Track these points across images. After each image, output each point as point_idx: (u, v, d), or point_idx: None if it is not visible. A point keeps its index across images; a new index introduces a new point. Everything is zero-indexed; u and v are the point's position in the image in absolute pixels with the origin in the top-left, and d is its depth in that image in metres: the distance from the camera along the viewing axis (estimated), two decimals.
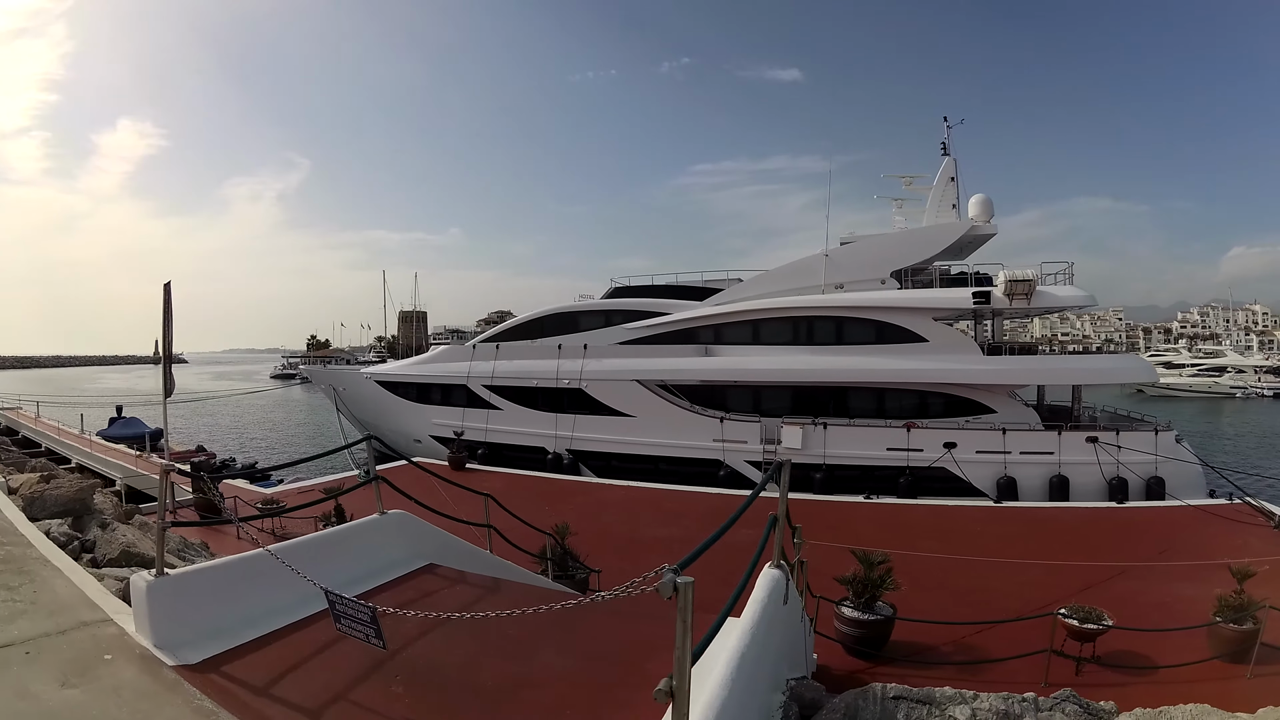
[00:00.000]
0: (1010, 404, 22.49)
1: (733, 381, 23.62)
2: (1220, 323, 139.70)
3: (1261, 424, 51.14)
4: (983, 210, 24.30)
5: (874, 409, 22.59)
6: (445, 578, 5.88)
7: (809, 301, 23.22)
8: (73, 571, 4.03)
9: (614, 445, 23.54)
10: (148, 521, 6.96)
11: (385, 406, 28.80)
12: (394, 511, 6.15)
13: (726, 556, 11.16)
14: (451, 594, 5.53)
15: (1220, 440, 39.77)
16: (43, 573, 3.93)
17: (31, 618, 3.52)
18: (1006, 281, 21.57)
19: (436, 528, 6.62)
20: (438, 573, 5.93)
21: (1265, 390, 70.18)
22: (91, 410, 35.68)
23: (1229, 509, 15.97)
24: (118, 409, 34.42)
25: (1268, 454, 35.38)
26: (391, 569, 5.66)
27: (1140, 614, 8.80)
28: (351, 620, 3.66)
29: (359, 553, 5.52)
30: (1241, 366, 76.12)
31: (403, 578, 5.60)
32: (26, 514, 5.63)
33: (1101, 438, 20.32)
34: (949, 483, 20.46)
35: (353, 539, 5.64)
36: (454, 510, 8.47)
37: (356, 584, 5.04)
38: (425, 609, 4.58)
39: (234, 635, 3.99)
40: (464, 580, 5.93)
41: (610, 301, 26.11)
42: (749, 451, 22.23)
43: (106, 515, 6.19)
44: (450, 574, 6.00)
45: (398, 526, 6.09)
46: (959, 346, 22.97)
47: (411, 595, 5.30)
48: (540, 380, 25.00)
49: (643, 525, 15.68)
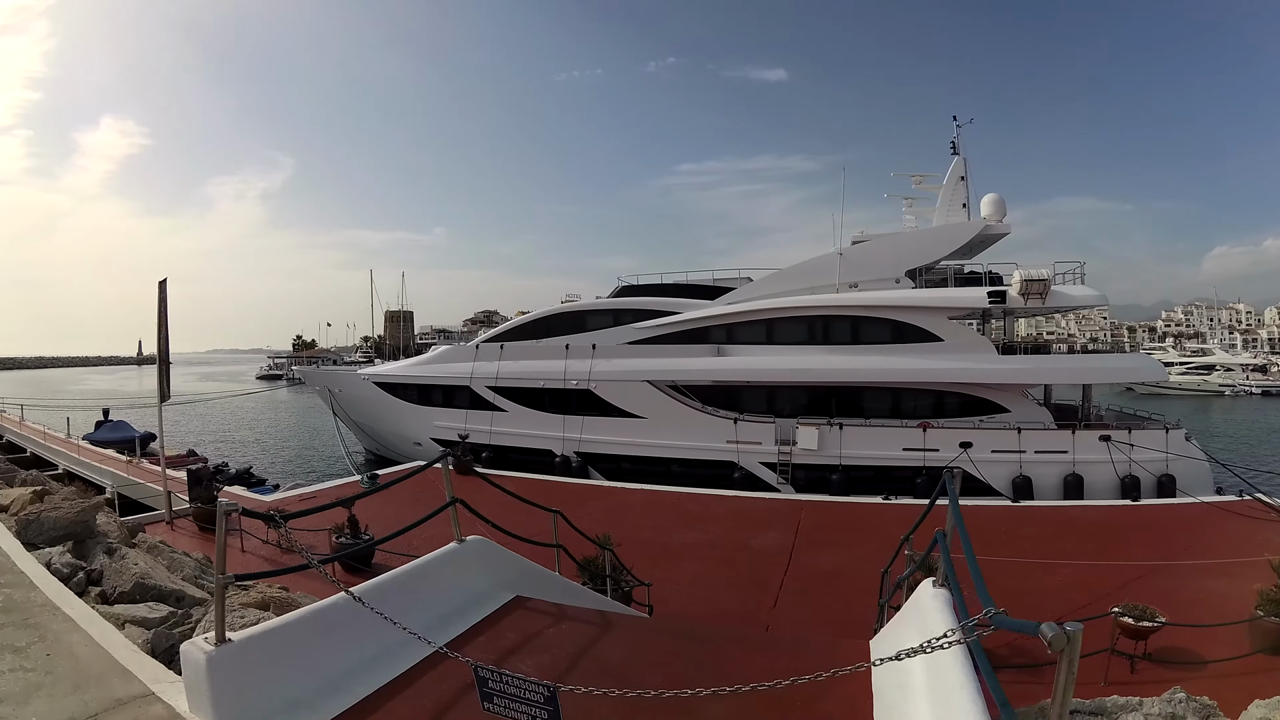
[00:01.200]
0: (1024, 403, 22.33)
1: (746, 382, 23.12)
2: (1204, 321, 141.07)
3: (1253, 421, 51.47)
4: (996, 209, 24.03)
5: (889, 409, 22.32)
6: (541, 612, 5.10)
7: (824, 300, 22.78)
8: (89, 621, 3.25)
9: (624, 447, 22.90)
10: (158, 544, 6.19)
11: (384, 409, 27.96)
12: (473, 537, 5.37)
13: (753, 561, 10.39)
14: (561, 635, 4.68)
15: (1216, 438, 39.68)
16: (54, 625, 3.13)
17: (50, 694, 2.75)
18: (1022, 281, 21.30)
19: (511, 551, 5.84)
20: (529, 606, 5.14)
21: (1254, 388, 70.78)
22: (77, 413, 34.53)
23: (1241, 505, 16.06)
24: (104, 412, 33.18)
25: (1266, 450, 35.42)
26: (477, 605, 4.87)
27: (1179, 611, 8.67)
28: (512, 700, 2.76)
29: (440, 588, 4.70)
30: (1229, 365, 76.77)
31: (494, 615, 4.80)
32: (21, 539, 4.90)
33: (1114, 436, 20.33)
34: (965, 483, 19.90)
35: (433, 572, 4.79)
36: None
37: (444, 626, 4.27)
38: (545, 655, 3.88)
39: (318, 708, 3.20)
40: (564, 616, 5.12)
41: (618, 300, 25.45)
42: (763, 453, 21.73)
43: (112, 539, 5.45)
44: (544, 607, 5.21)
45: (477, 554, 5.31)
46: (975, 346, 22.63)
47: (514, 639, 4.46)
48: (547, 381, 24.28)
49: (668, 530, 15.08)
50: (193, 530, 14.47)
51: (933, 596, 3.92)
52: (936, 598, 3.89)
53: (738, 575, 12.05)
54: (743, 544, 14.09)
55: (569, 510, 16.60)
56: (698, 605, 10.13)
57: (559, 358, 24.25)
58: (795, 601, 10.85)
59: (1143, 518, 16.01)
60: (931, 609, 3.77)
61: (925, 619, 3.73)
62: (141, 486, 18.30)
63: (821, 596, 11.12)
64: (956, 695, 2.71)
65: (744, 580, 11.81)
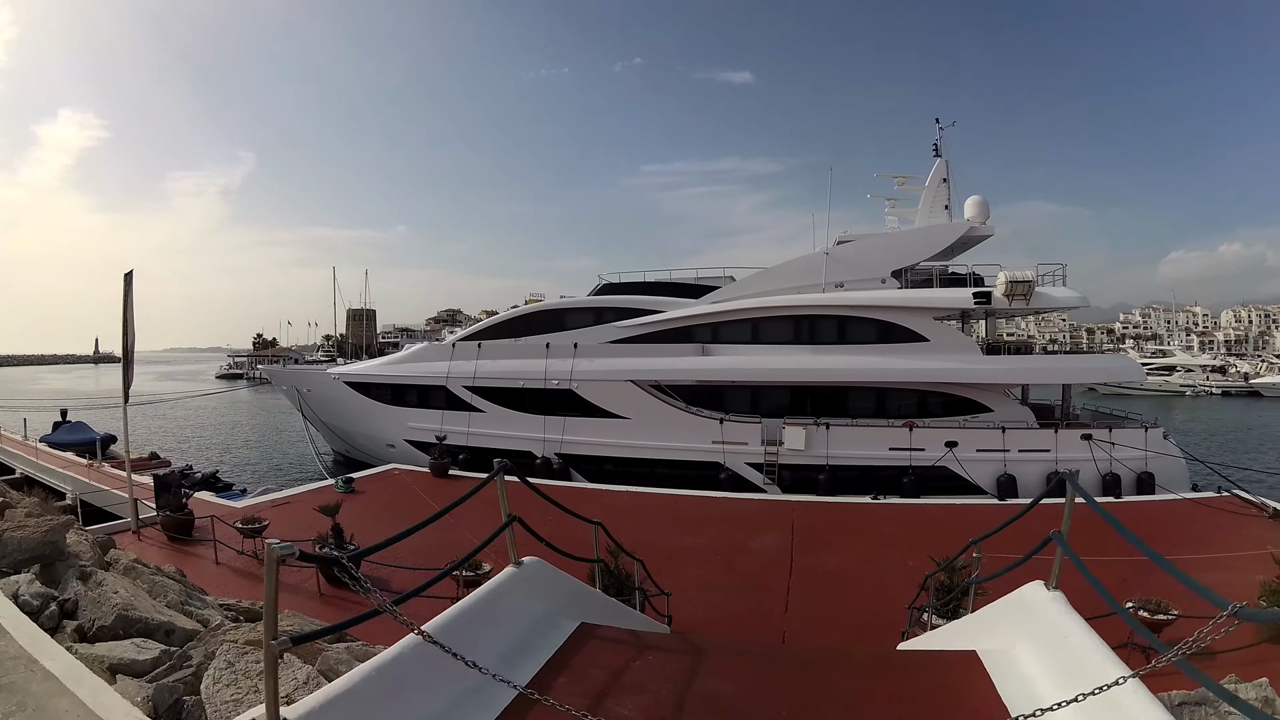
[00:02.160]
0: (1007, 403, 22.59)
1: (731, 382, 22.88)
2: (1162, 324, 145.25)
3: (1215, 419, 53.04)
4: (980, 211, 24.22)
5: (873, 409, 22.33)
6: (614, 641, 4.54)
7: (811, 300, 22.68)
8: (76, 678, 2.60)
9: (607, 449, 22.49)
10: (135, 565, 5.56)
11: (355, 409, 27.09)
12: (530, 559, 4.78)
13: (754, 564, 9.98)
14: (649, 668, 4.07)
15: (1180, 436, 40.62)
16: (34, 686, 2.48)
17: None
18: (1007, 282, 21.48)
19: (561, 571, 5.29)
20: (599, 635, 4.57)
21: (1214, 389, 72.99)
22: (34, 413, 32.94)
23: (1221, 501, 16.43)
24: (62, 412, 31.64)
25: (1233, 448, 36.41)
26: (545, 636, 4.28)
27: (1181, 605, 8.49)
28: None
29: (505, 619, 4.10)
30: (1190, 366, 79.09)
31: (566, 648, 4.19)
32: None
33: (1095, 435, 20.69)
34: (950, 481, 20.39)
35: (498, 601, 4.16)
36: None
37: (518, 664, 3.70)
38: (645, 694, 3.40)
39: None
40: (642, 644, 4.55)
41: (600, 299, 24.97)
42: (749, 453, 21.55)
43: (85, 561, 4.84)
44: (615, 635, 4.68)
45: (536, 578, 4.73)
46: (960, 346, 22.86)
47: (601, 676, 3.85)
48: (527, 381, 23.72)
49: (665, 534, 14.74)
50: (161, 540, 13.63)
51: (1051, 599, 3.82)
52: (1056, 600, 3.80)
53: (742, 579, 11.76)
54: (740, 547, 13.82)
55: (555, 512, 16.25)
56: (709, 612, 9.79)
57: (540, 357, 23.69)
58: (806, 605, 10.62)
59: (1129, 514, 16.22)
60: (1054, 612, 3.70)
61: (1048, 622, 3.65)
62: (104, 493, 17.29)
63: (831, 599, 10.94)
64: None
65: (749, 584, 11.51)
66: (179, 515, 13.84)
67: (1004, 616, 4.41)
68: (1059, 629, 3.62)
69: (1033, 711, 2.61)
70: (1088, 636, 3.43)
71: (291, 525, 14.04)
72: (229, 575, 11.67)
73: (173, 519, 13.77)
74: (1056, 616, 3.70)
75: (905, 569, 12.30)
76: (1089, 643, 3.34)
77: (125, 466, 15.34)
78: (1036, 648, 3.73)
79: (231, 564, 12.19)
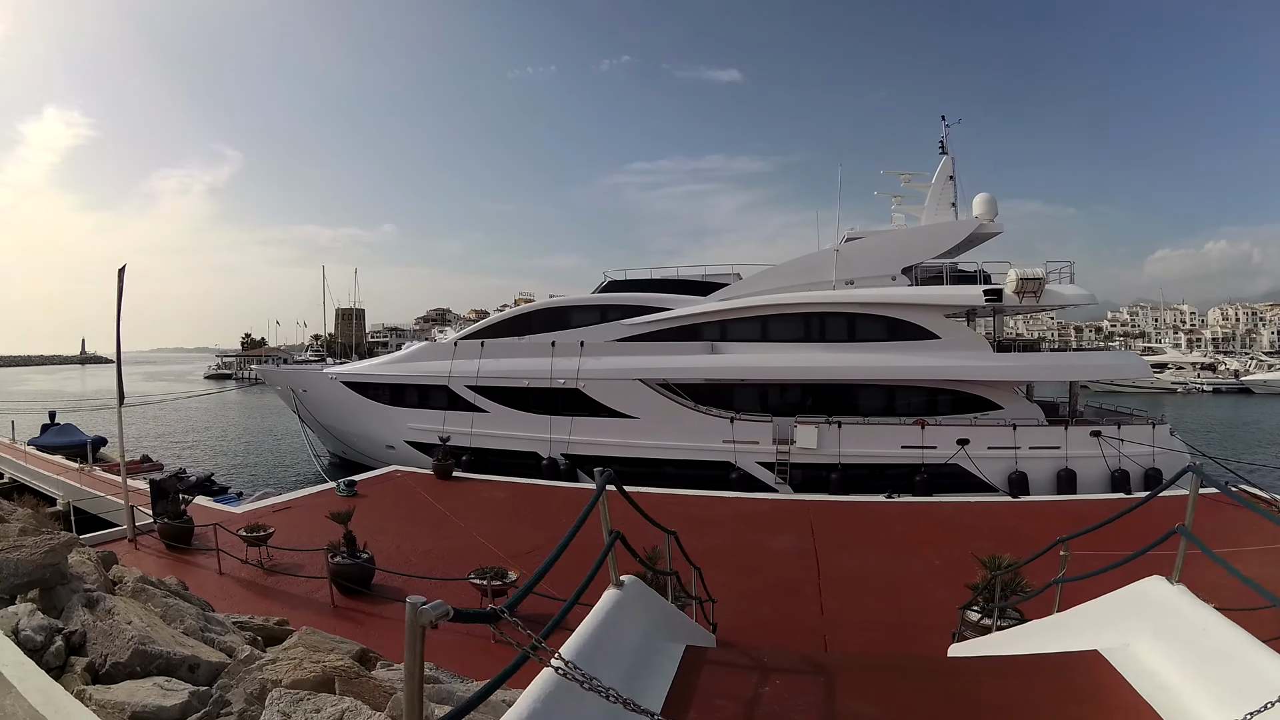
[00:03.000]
0: (1016, 400, 22.40)
1: (741, 380, 22.51)
2: (1149, 321, 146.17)
3: (1208, 416, 53.33)
4: (988, 209, 24.00)
5: (883, 407, 22.12)
6: (727, 664, 4.09)
7: (821, 297, 22.40)
8: None
9: (615, 449, 21.97)
10: (145, 586, 4.98)
11: (353, 410, 26.45)
12: (630, 579, 4.28)
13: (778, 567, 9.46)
14: (779, 693, 3.62)
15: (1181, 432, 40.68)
16: None
17: None
18: (1018, 279, 21.32)
19: (651, 589, 4.82)
20: (709, 659, 4.12)
21: (1205, 386, 73.40)
22: (21, 415, 32.02)
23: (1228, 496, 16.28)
24: (51, 415, 30.83)
25: (1229, 444, 36.41)
26: (656, 662, 3.84)
27: (1243, 596, 8.18)
28: None
29: (615, 643, 3.64)
30: (1181, 363, 79.58)
31: (682, 674, 3.74)
32: None
33: (1105, 432, 20.62)
34: (960, 479, 20.21)
35: (610, 625, 3.68)
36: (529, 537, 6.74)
37: (641, 693, 3.21)
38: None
39: None
40: (759, 666, 4.05)
41: (606, 296, 24.45)
42: (760, 452, 21.21)
43: (90, 584, 4.29)
44: (723, 657, 4.26)
45: (636, 597, 4.27)
46: (970, 343, 22.66)
47: (732, 708, 3.46)
48: (532, 380, 23.16)
49: (680, 536, 14.26)
50: (159, 549, 13.04)
51: (1178, 593, 3.71)
52: (1182, 594, 3.69)
53: (769, 582, 11.31)
54: (760, 548, 13.42)
55: (569, 514, 15.72)
56: (741, 618, 9.34)
57: (545, 355, 23.16)
58: (841, 608, 10.24)
59: (1151, 510, 16.09)
60: (1184, 606, 3.57)
61: (1179, 616, 3.52)
62: (99, 499, 16.59)
63: (865, 601, 10.59)
64: None
65: (777, 588, 11.06)
66: (178, 523, 13.19)
67: (1117, 613, 4.18)
68: (1194, 623, 3.44)
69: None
70: (1230, 630, 3.23)
71: (296, 532, 13.57)
72: (234, 587, 11.13)
73: (171, 527, 13.13)
74: (1189, 610, 3.53)
75: (931, 568, 11.98)
76: (1235, 636, 3.15)
77: (120, 471, 14.67)
78: (1168, 644, 3.54)
79: (235, 574, 11.64)
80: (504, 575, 9.69)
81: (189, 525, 13.24)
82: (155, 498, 13.74)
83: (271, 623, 6.62)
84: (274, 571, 11.70)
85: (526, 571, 10.04)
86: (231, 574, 11.60)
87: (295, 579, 11.26)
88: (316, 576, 10.91)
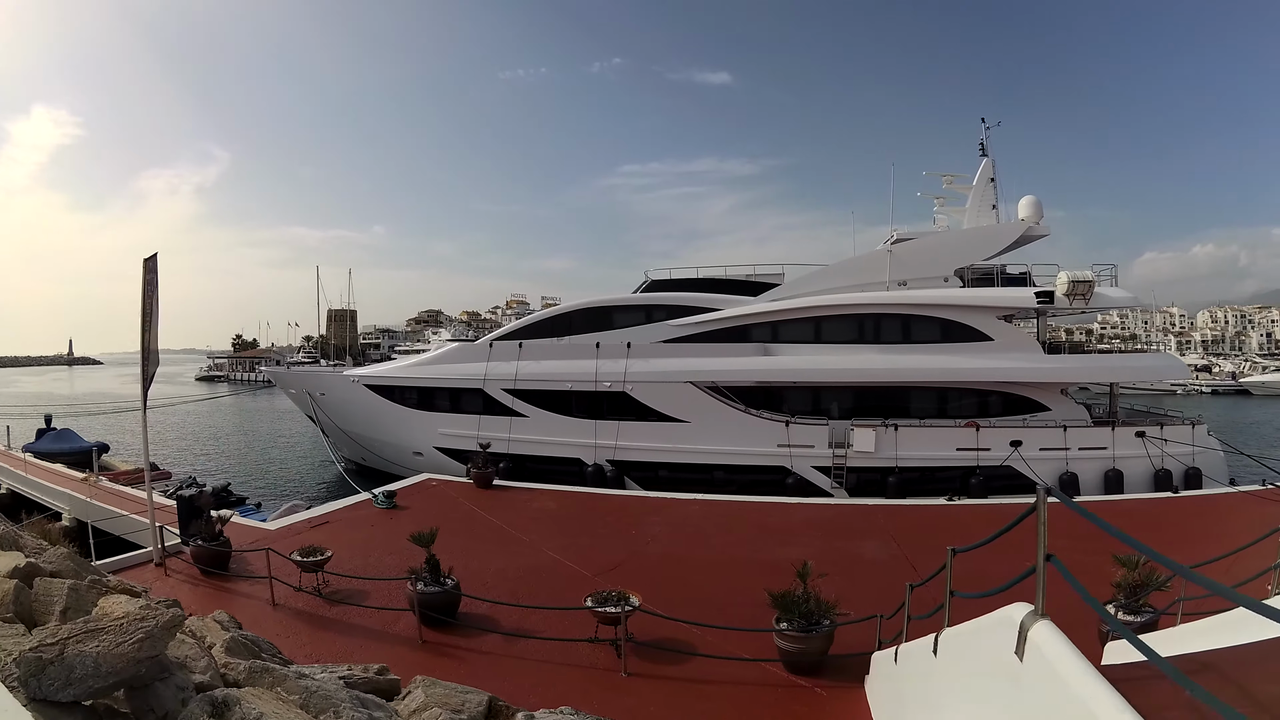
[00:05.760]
0: (1063, 401, 22.40)
1: (793, 383, 21.98)
2: (1139, 324, 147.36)
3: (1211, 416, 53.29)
4: (1034, 211, 23.91)
5: (935, 409, 21.93)
6: None
7: (876, 299, 22.06)
8: None
9: (664, 454, 21.26)
10: (269, 666, 3.83)
11: (378, 415, 25.34)
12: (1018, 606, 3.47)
13: (881, 576, 8.43)
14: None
15: None
16: None
17: None
18: (1070, 282, 21.27)
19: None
20: None
21: (1204, 387, 73.95)
22: (14, 420, 30.53)
23: (1268, 492, 16.61)
24: (46, 419, 29.35)
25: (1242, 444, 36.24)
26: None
27: None
28: None
29: None
30: None
31: None
32: (26, 693, 2.67)
33: (1148, 432, 20.95)
34: (1013, 481, 20.10)
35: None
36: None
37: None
38: None
39: None
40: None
41: (651, 296, 23.72)
42: (816, 456, 20.65)
43: (200, 672, 3.23)
44: None
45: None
46: (1023, 345, 22.59)
47: None
48: (576, 383, 22.29)
49: (761, 545, 13.54)
50: (191, 575, 11.52)
51: None
52: None
53: (882, 593, 10.11)
54: (853, 556, 12.57)
55: (631, 526, 14.84)
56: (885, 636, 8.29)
57: (590, 357, 22.29)
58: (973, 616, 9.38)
59: (1202, 508, 16.39)
60: None
61: None
62: (121, 518, 15.01)
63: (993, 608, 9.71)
64: None
65: (897, 599, 9.82)
66: (214, 546, 11.63)
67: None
68: None
69: None
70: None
71: (346, 551, 12.04)
72: (294, 622, 9.75)
73: (206, 550, 11.55)
74: None
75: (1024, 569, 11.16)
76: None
77: (145, 486, 13.27)
78: None
79: (290, 604, 10.20)
80: (626, 600, 8.74)
81: (226, 548, 11.80)
82: (186, 516, 12.36)
83: (373, 671, 5.61)
84: (334, 600, 10.34)
85: (646, 595, 9.09)
86: (286, 604, 10.22)
87: (360, 609, 9.97)
88: (389, 608, 9.78)
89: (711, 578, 11.68)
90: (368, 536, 14.16)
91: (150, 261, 12.57)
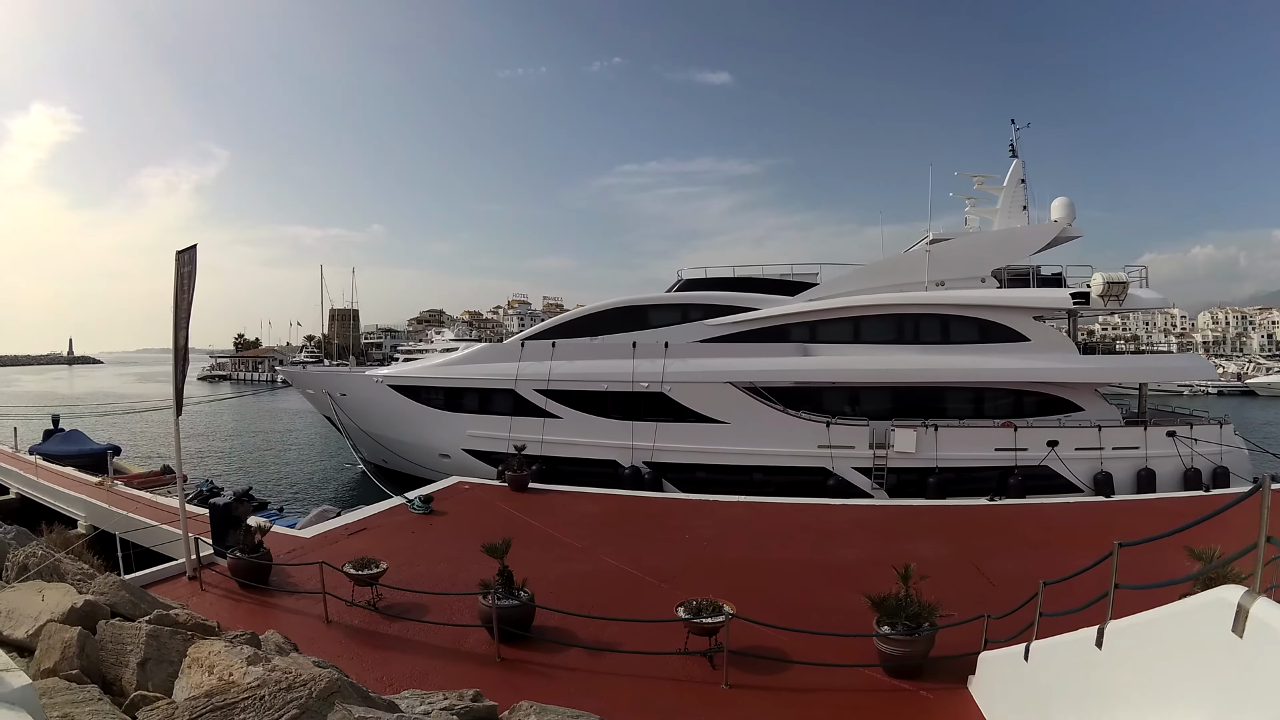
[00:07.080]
0: (1097, 402, 22.46)
1: (833, 383, 21.78)
2: (1140, 326, 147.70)
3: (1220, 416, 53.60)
4: (1068, 213, 23.92)
5: (971, 409, 21.86)
6: None
7: (915, 299, 21.95)
8: None
9: (703, 455, 20.99)
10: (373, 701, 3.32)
11: (402, 416, 24.90)
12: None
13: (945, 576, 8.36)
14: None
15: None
16: None
17: None
18: (1105, 283, 21.30)
19: None
20: None
21: (1209, 388, 74.02)
22: (20, 420, 29.91)
23: None
24: (54, 419, 28.74)
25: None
26: None
27: None
28: None
29: None
30: None
31: None
32: None
33: (1179, 432, 21.11)
34: (1050, 480, 20.18)
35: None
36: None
37: None
38: None
39: None
40: None
41: (686, 295, 23.42)
42: (856, 457, 20.47)
43: None
44: None
45: None
46: (1058, 345, 22.53)
47: None
48: (611, 383, 21.92)
49: (819, 548, 13.30)
50: (229, 589, 10.84)
51: None
52: None
53: (963, 596, 9.69)
54: (912, 558, 12.02)
55: (680, 529, 14.47)
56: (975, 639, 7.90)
57: (626, 357, 21.92)
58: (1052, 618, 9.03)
59: (1241, 506, 16.01)
60: None
61: None
62: (149, 528, 14.31)
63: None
64: None
65: (974, 601, 9.33)
66: (255, 559, 10.93)
67: None
68: None
69: None
70: None
71: (391, 560, 11.02)
72: (353, 643, 9.05)
73: (244, 563, 10.85)
74: None
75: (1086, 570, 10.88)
76: None
77: (179, 495, 12.40)
78: None
79: (344, 621, 9.58)
80: (719, 609, 8.37)
81: (267, 560, 11.17)
82: (222, 526, 11.74)
83: (468, 699, 5.10)
84: (391, 615, 9.72)
85: (739, 603, 8.67)
86: (340, 621, 9.58)
87: (422, 624, 9.40)
88: (458, 623, 9.25)
89: (778, 581, 11.38)
90: (410, 544, 13.64)
91: (187, 254, 11.95)
